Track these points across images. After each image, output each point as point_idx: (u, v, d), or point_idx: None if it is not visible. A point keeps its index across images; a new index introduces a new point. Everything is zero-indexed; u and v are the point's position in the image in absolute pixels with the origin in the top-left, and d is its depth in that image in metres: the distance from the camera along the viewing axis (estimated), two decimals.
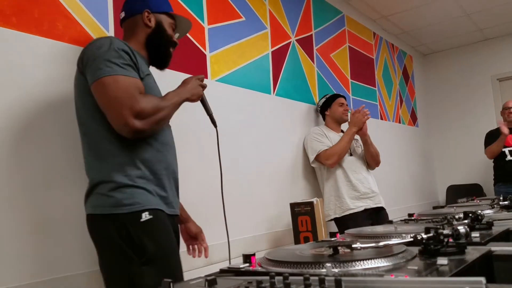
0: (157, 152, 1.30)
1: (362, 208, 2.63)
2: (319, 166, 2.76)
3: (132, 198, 1.22)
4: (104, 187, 1.22)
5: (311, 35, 3.09)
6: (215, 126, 1.50)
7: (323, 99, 2.91)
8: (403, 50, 4.70)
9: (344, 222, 2.58)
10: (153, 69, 1.83)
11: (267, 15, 2.64)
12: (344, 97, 2.90)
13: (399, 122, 4.39)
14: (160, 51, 1.43)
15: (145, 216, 1.22)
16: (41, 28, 1.47)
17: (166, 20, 1.45)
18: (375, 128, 3.78)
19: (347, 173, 2.68)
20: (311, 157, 2.70)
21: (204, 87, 1.46)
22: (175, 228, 1.38)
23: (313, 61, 3.07)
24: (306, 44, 3.00)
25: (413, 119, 4.76)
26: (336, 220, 2.67)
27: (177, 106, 1.33)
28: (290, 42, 2.84)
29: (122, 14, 1.45)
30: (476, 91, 4.87)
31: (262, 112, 2.51)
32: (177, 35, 1.53)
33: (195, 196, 1.94)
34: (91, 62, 1.22)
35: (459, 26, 4.37)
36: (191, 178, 1.95)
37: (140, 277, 1.18)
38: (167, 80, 1.92)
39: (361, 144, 2.84)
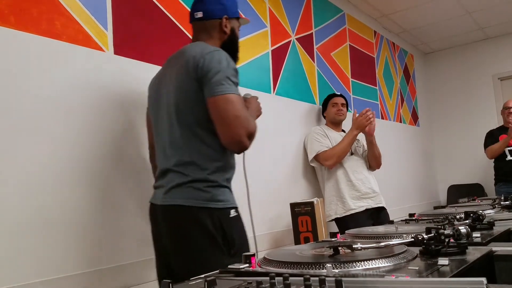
0: (234, 160, 1.47)
1: (364, 208, 2.63)
2: (319, 166, 2.76)
3: (224, 196, 1.36)
4: (201, 184, 1.33)
5: (312, 33, 3.08)
6: None
7: (324, 101, 2.96)
8: (404, 49, 4.69)
9: (345, 222, 2.58)
10: (151, 70, 1.83)
11: (267, 13, 2.63)
12: (341, 96, 2.88)
13: (400, 122, 4.38)
14: (234, 56, 1.51)
15: (233, 213, 1.37)
16: (40, 27, 1.46)
17: (236, 25, 1.54)
18: (375, 127, 3.77)
19: (348, 173, 2.68)
20: (310, 157, 2.71)
21: (260, 107, 1.61)
22: None
23: (313, 60, 3.06)
24: (306, 42, 3.00)
25: (414, 118, 4.75)
26: (337, 220, 2.66)
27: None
28: (290, 40, 2.83)
29: (199, 14, 1.49)
30: (477, 90, 4.86)
31: (262, 112, 2.50)
32: None
33: None
34: (212, 75, 1.30)
35: (460, 25, 4.36)
36: None
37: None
38: None
39: (363, 144, 2.84)
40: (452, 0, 3.75)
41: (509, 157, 3.71)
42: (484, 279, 0.51)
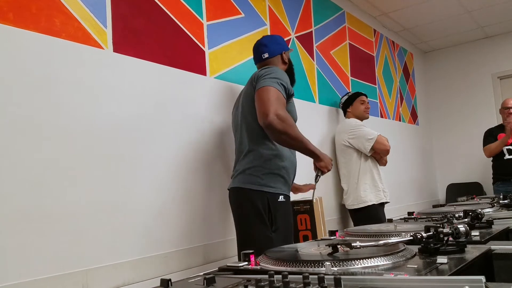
0: (290, 152, 1.81)
1: (385, 200, 2.90)
2: (352, 154, 2.89)
3: (275, 183, 1.71)
4: (259, 170, 1.70)
5: (311, 32, 3.07)
6: (315, 182, 1.90)
7: (345, 97, 3.07)
8: (403, 47, 4.68)
9: (376, 210, 2.80)
10: (150, 68, 1.82)
11: (266, 11, 2.63)
12: (366, 95, 3.05)
13: (399, 120, 4.38)
14: (293, 80, 2.01)
15: (281, 198, 1.71)
16: (39, 24, 1.46)
17: (289, 54, 2.04)
18: (375, 126, 3.78)
19: (377, 166, 2.93)
20: (370, 142, 2.80)
21: (331, 167, 1.87)
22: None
23: (313, 58, 3.06)
24: (306, 41, 2.99)
25: (413, 117, 4.75)
26: (369, 207, 2.81)
27: (304, 146, 1.72)
28: (290, 39, 2.83)
29: (266, 55, 1.96)
30: (476, 89, 4.86)
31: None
32: None
33: (197, 197, 1.94)
34: (261, 76, 1.71)
35: (460, 23, 4.36)
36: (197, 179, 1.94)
37: (270, 240, 1.63)
38: (166, 76, 1.92)
39: None
40: None
41: (507, 156, 3.71)
42: (482, 277, 0.51)
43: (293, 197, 2.49)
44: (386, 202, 2.93)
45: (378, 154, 2.91)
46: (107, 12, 1.69)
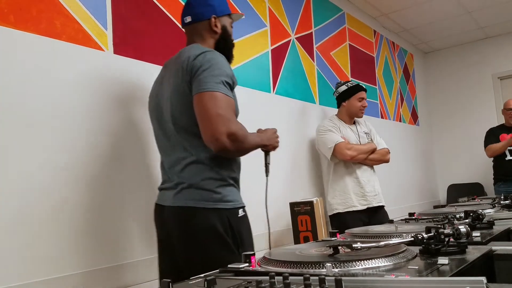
0: (239, 159, 1.48)
1: (365, 207, 2.63)
2: (327, 160, 2.69)
3: (232, 195, 1.38)
4: (210, 183, 1.35)
5: (311, 33, 3.08)
6: (267, 175, 1.56)
7: (344, 87, 2.76)
8: (403, 48, 4.68)
9: (344, 218, 2.57)
10: (151, 70, 1.82)
11: (266, 12, 2.63)
12: (366, 90, 2.78)
13: (400, 121, 4.38)
14: (228, 55, 1.51)
15: (241, 212, 1.39)
16: (39, 26, 1.46)
17: (227, 22, 1.55)
18: (375, 126, 3.77)
19: (355, 170, 2.66)
20: (329, 147, 2.60)
21: (278, 141, 1.56)
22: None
23: (313, 59, 3.06)
24: (306, 42, 2.99)
25: (414, 117, 4.75)
26: (337, 215, 2.63)
27: (256, 146, 1.43)
28: (290, 40, 2.83)
29: (188, 19, 1.51)
30: (477, 89, 4.86)
31: (261, 111, 2.50)
32: None
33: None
34: (200, 72, 1.31)
35: (460, 24, 4.36)
36: None
37: None
38: None
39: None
40: None
41: (508, 157, 3.70)
42: (483, 278, 0.51)
43: (293, 198, 2.49)
44: (372, 207, 2.64)
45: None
46: (108, 14, 1.69)
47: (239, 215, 1.37)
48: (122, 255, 1.61)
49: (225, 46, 1.52)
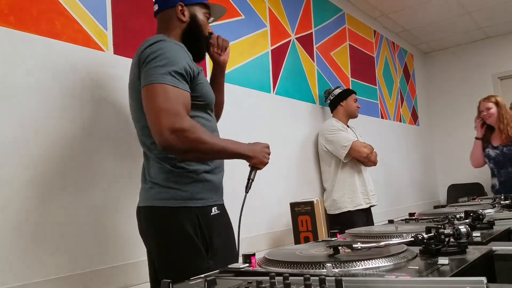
0: None
1: (368, 205, 2.77)
2: (333, 158, 2.77)
3: (203, 192, 1.27)
4: (178, 181, 1.25)
5: (311, 33, 3.08)
6: (246, 192, 1.39)
7: (339, 89, 2.92)
8: (404, 48, 4.69)
9: (352, 217, 2.66)
10: None
11: (266, 13, 2.63)
12: (356, 93, 2.98)
13: (400, 121, 4.38)
14: (196, 45, 1.41)
15: (214, 210, 1.29)
16: (39, 27, 1.46)
17: (200, 11, 1.43)
18: (375, 127, 3.78)
19: (361, 169, 2.78)
20: (345, 147, 2.67)
21: (268, 157, 1.43)
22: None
23: (313, 60, 3.06)
24: (306, 42, 2.99)
25: (414, 117, 4.75)
26: (345, 214, 2.70)
27: (228, 152, 1.29)
28: (290, 40, 2.83)
29: (156, 7, 1.43)
30: (477, 89, 4.85)
31: (261, 111, 2.50)
32: (211, 19, 1.52)
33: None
34: (145, 65, 1.22)
35: (460, 24, 4.36)
36: None
37: (208, 271, 1.09)
38: None
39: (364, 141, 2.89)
40: None
41: None
42: (484, 279, 0.51)
43: (294, 198, 2.49)
44: (372, 206, 2.81)
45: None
46: (108, 14, 1.69)
47: (212, 214, 1.28)
48: (122, 256, 1.61)
49: (192, 37, 1.40)
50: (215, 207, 1.30)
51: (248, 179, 1.38)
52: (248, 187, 1.38)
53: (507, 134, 3.11)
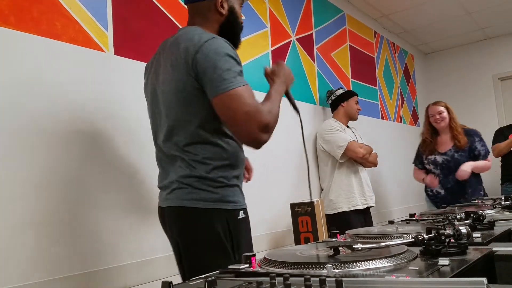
0: (240, 148, 1.35)
1: (365, 206, 2.76)
2: (330, 158, 2.77)
3: (233, 195, 1.28)
4: (208, 183, 1.24)
5: (312, 34, 3.08)
6: (298, 113, 1.53)
7: (341, 90, 2.93)
8: (404, 49, 4.69)
9: (348, 217, 2.65)
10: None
11: (267, 13, 2.63)
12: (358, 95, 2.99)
13: (400, 122, 4.38)
14: (234, 39, 1.37)
15: (241, 214, 1.29)
16: (40, 27, 1.46)
17: (237, 2, 1.39)
18: (376, 127, 3.77)
19: (358, 170, 2.77)
20: (341, 147, 2.68)
21: (291, 74, 1.44)
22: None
23: (313, 60, 3.06)
24: (306, 43, 3.00)
25: (414, 118, 4.75)
26: (340, 214, 2.69)
27: (280, 101, 1.33)
28: (291, 41, 2.83)
29: None
30: (477, 90, 4.85)
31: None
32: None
33: None
34: (211, 71, 1.18)
35: (461, 25, 4.36)
36: None
37: None
38: None
39: (363, 142, 2.88)
40: (452, 0, 3.75)
41: None
42: (484, 279, 0.51)
43: (294, 198, 2.49)
44: (369, 207, 2.81)
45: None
46: (108, 15, 1.69)
47: (239, 217, 1.28)
48: (122, 256, 1.61)
49: (230, 30, 1.36)
50: (242, 211, 1.30)
51: (293, 101, 1.51)
52: (296, 107, 1.52)
53: (461, 138, 3.04)
